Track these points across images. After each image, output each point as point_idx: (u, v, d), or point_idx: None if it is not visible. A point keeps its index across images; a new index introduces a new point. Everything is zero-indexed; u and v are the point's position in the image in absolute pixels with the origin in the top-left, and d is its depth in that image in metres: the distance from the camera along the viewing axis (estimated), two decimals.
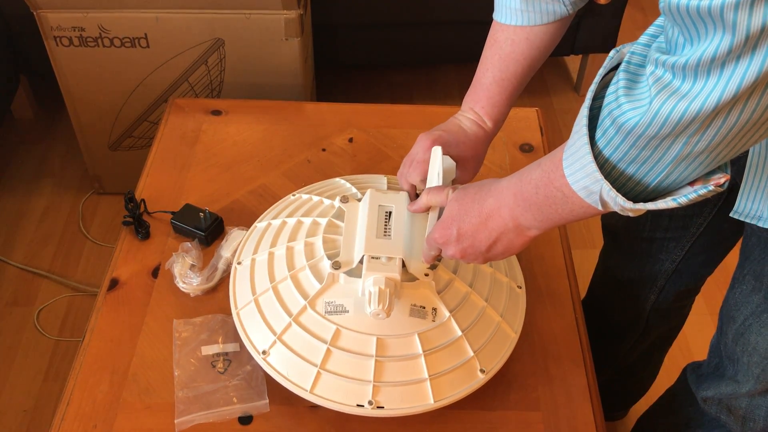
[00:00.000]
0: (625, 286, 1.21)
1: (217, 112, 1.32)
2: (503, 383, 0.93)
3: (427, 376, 0.86)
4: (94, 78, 1.67)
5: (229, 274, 1.02)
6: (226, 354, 0.94)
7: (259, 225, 1.02)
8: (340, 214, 0.96)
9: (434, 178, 0.87)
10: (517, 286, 0.98)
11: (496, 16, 0.91)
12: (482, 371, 0.88)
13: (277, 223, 0.99)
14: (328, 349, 0.86)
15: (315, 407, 0.88)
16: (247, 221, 1.09)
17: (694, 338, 1.67)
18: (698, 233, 1.06)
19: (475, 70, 0.95)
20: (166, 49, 1.62)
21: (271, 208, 1.06)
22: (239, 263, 0.98)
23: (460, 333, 0.88)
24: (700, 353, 1.63)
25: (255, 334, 0.90)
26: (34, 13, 1.56)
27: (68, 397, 0.91)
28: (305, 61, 1.69)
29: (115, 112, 1.74)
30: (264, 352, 0.88)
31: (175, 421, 0.88)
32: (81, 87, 1.68)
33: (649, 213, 1.07)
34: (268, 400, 0.90)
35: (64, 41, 1.60)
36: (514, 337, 0.93)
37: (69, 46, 1.61)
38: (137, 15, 1.57)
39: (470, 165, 0.95)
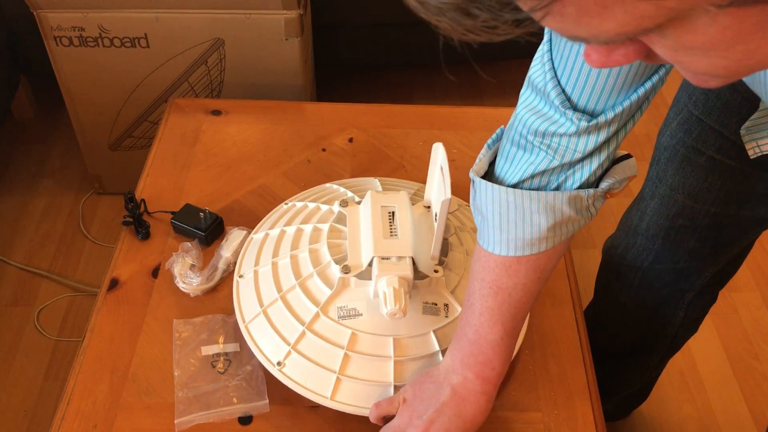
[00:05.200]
0: (649, 311, 1.19)
1: (217, 112, 1.32)
2: (503, 383, 0.92)
3: None
4: (94, 78, 1.67)
5: (230, 273, 1.02)
6: (226, 354, 0.94)
7: (256, 237, 1.01)
8: (341, 219, 0.95)
9: (437, 172, 0.87)
10: None
11: (506, 251, 0.75)
12: None
13: (275, 232, 0.98)
14: (345, 354, 0.85)
15: (315, 407, 0.88)
16: (247, 221, 1.09)
17: (695, 338, 1.67)
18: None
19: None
20: (166, 49, 1.62)
21: (265, 218, 1.05)
22: (241, 276, 0.97)
23: None
24: (700, 353, 1.63)
25: (267, 347, 0.89)
26: (34, 13, 1.56)
27: (68, 397, 0.91)
28: (305, 61, 1.69)
29: (115, 112, 1.74)
30: (279, 363, 0.87)
31: (175, 421, 0.88)
32: (81, 87, 1.68)
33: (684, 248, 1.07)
34: (268, 400, 0.89)
35: (64, 41, 1.60)
36: (524, 326, 0.94)
37: (69, 46, 1.61)
38: (137, 15, 1.57)
39: None
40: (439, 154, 0.87)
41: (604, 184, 0.71)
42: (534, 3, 0.35)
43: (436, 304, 0.88)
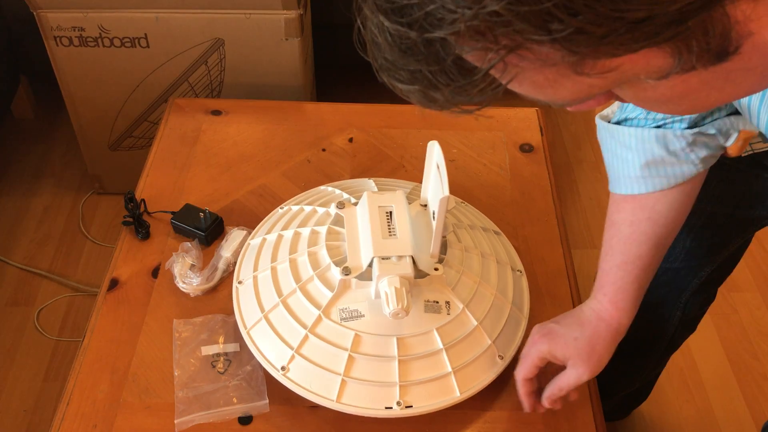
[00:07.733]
0: (647, 311, 1.20)
1: (217, 112, 1.32)
2: (503, 383, 0.92)
3: (450, 369, 0.86)
4: (94, 78, 1.67)
5: (230, 273, 1.02)
6: (226, 354, 0.94)
7: (253, 242, 1.01)
8: (338, 221, 0.95)
9: (433, 170, 0.87)
10: (518, 271, 1.00)
11: (613, 187, 0.82)
12: (500, 357, 0.89)
13: (272, 237, 0.98)
14: (349, 356, 0.85)
15: (315, 407, 0.88)
16: (247, 221, 1.09)
17: (695, 338, 1.68)
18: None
19: None
20: (166, 49, 1.62)
21: (261, 223, 1.05)
22: (240, 283, 0.96)
23: (476, 323, 0.89)
24: (700, 353, 1.63)
25: (270, 352, 0.89)
26: (34, 13, 1.56)
27: (68, 397, 0.91)
28: (305, 61, 1.69)
29: (115, 112, 1.74)
30: (283, 368, 0.87)
31: (175, 421, 0.88)
32: (81, 87, 1.68)
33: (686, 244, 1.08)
34: (268, 400, 0.90)
35: (64, 41, 1.60)
36: (525, 321, 0.94)
37: (69, 46, 1.61)
38: (137, 15, 1.57)
39: (583, 365, 0.84)
40: (434, 152, 0.87)
41: (696, 129, 0.74)
42: (492, 81, 0.41)
43: (437, 302, 0.88)
